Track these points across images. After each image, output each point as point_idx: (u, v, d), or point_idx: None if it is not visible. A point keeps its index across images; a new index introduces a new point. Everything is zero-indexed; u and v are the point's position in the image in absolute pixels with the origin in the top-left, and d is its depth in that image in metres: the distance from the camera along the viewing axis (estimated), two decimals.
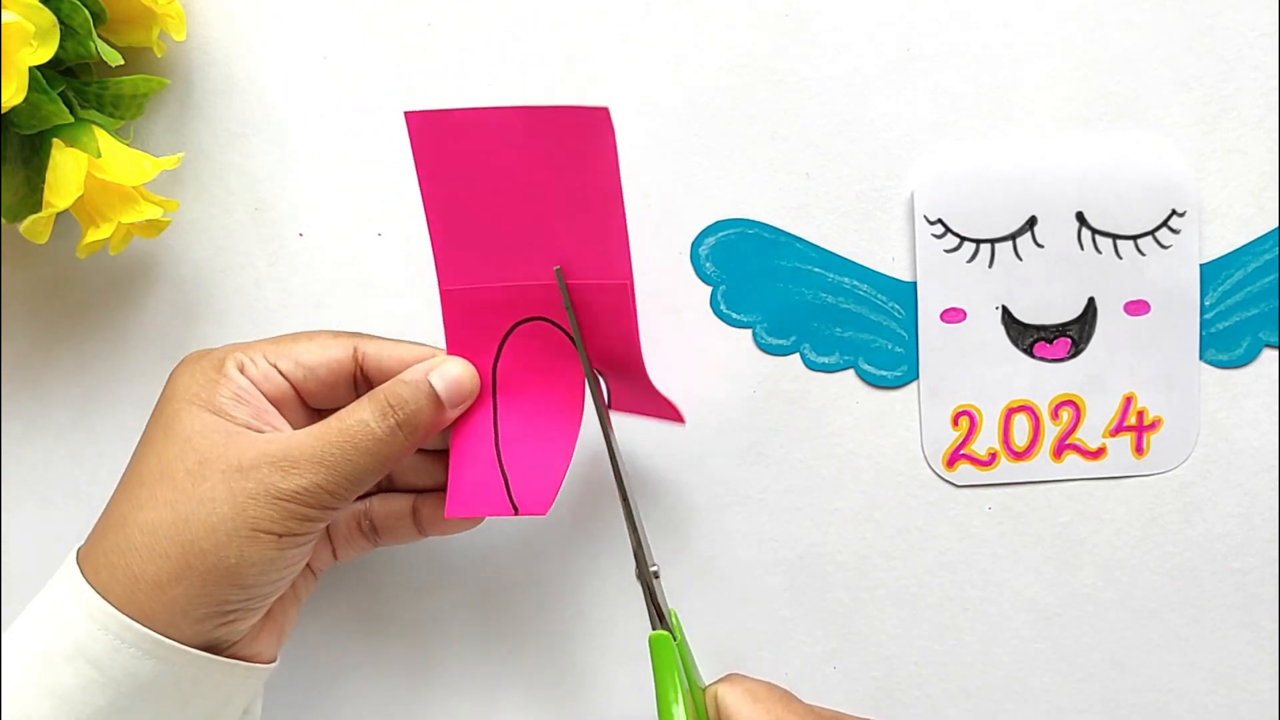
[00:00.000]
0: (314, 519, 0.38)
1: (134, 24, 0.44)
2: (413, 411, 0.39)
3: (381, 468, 0.39)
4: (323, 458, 0.38)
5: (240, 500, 0.37)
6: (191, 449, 0.38)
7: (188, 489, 0.37)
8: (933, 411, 0.48)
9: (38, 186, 0.44)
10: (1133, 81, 0.46)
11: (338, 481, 0.38)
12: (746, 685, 0.40)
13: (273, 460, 0.37)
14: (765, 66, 0.47)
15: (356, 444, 0.38)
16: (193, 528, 0.37)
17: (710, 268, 0.47)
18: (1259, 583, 0.48)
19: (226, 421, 0.38)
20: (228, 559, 0.37)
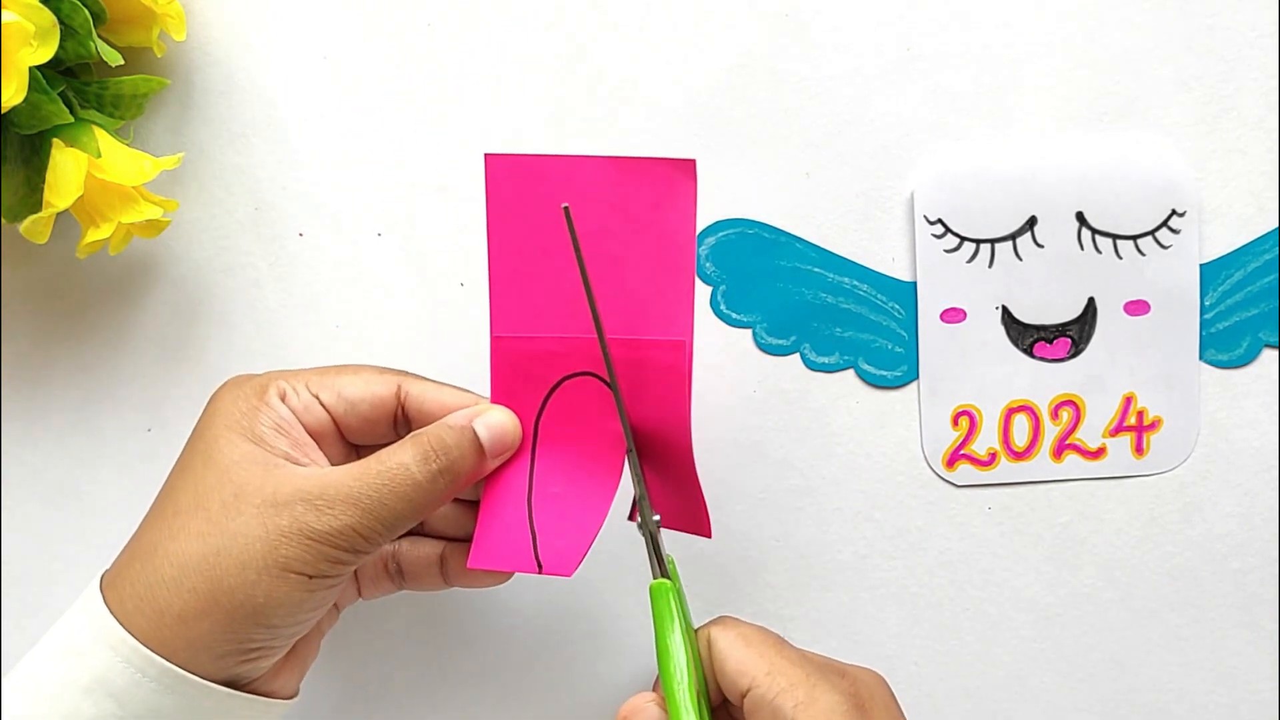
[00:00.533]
0: (346, 561, 0.37)
1: (134, 24, 0.44)
2: (456, 458, 0.38)
3: (418, 513, 0.38)
4: (360, 499, 0.37)
5: (273, 538, 0.36)
6: (229, 480, 0.37)
7: (221, 522, 0.36)
8: (933, 411, 0.48)
9: (38, 186, 0.44)
10: (1133, 81, 0.46)
11: (373, 525, 0.37)
12: (739, 629, 0.39)
13: (309, 497, 0.36)
14: (765, 66, 0.47)
15: (395, 488, 0.37)
16: (223, 563, 0.36)
17: (710, 268, 0.47)
18: (1259, 583, 0.48)
19: (266, 452, 0.38)
20: (256, 598, 0.36)
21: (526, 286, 0.39)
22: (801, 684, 0.37)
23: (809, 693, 0.37)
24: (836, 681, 0.38)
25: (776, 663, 0.38)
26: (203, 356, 0.48)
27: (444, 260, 0.47)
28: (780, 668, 0.38)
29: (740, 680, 0.38)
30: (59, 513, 0.49)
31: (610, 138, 0.47)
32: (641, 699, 0.39)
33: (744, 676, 0.38)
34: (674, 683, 0.38)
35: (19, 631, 0.50)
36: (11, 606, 0.50)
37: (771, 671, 0.37)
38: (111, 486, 0.49)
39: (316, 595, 0.37)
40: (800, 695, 0.37)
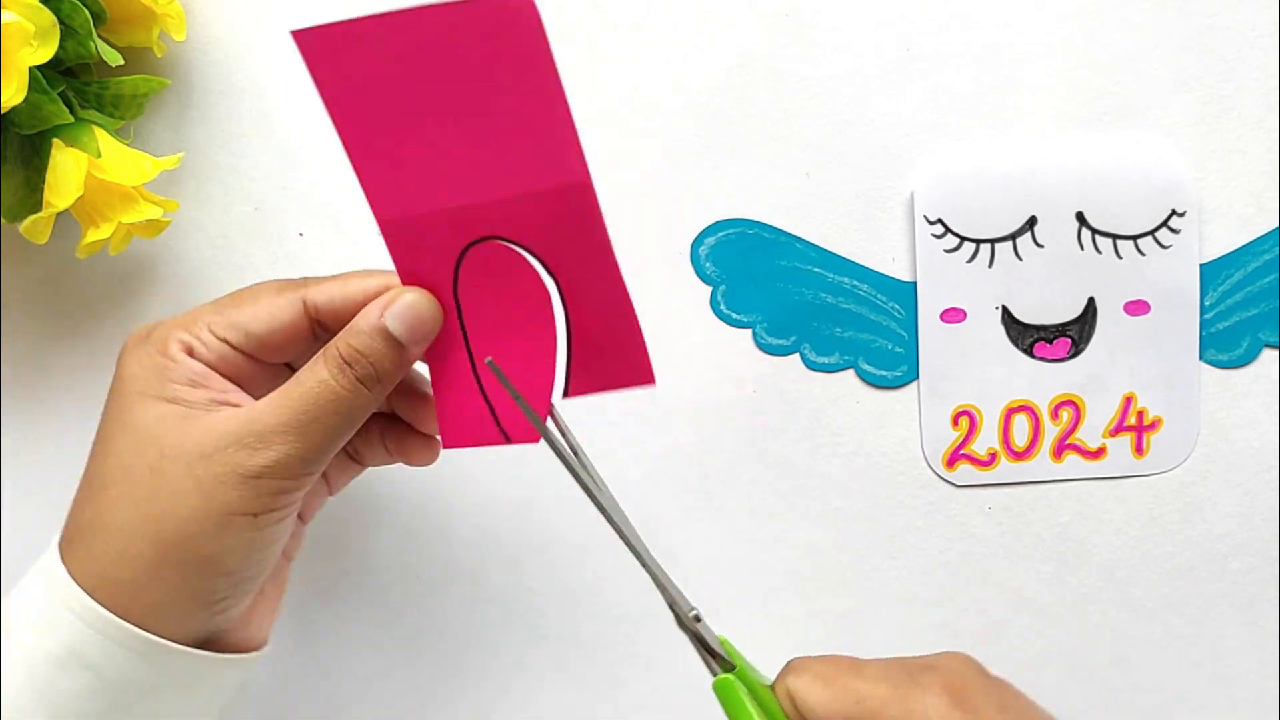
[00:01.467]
0: (289, 490, 0.36)
1: (134, 24, 0.44)
2: (373, 361, 0.36)
3: (353, 424, 0.37)
4: (289, 426, 0.35)
5: (208, 487, 0.35)
6: (151, 443, 0.36)
7: (153, 485, 0.36)
8: (933, 411, 0.48)
9: (38, 186, 0.44)
10: (1133, 81, 0.46)
11: (309, 448, 0.36)
12: (813, 669, 0.38)
13: (237, 439, 0.35)
14: (765, 66, 0.47)
15: (321, 405, 0.36)
16: (164, 525, 0.35)
17: (710, 268, 0.47)
18: (1259, 583, 0.48)
19: (183, 408, 0.36)
20: (206, 549, 0.35)
21: (394, 161, 0.36)
22: (893, 700, 0.36)
23: (903, 706, 0.36)
24: (926, 681, 0.37)
25: (861, 689, 0.36)
26: None
27: None
28: (866, 692, 0.36)
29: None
30: (59, 513, 0.49)
31: (611, 138, 0.47)
32: None
33: (836, 716, 0.36)
34: None
35: None
36: None
37: (860, 700, 0.36)
38: None
39: (267, 532, 0.36)
40: (895, 711, 0.36)
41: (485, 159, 0.36)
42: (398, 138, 0.36)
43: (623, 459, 0.48)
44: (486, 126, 0.35)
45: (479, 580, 0.49)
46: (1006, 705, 0.38)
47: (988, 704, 0.37)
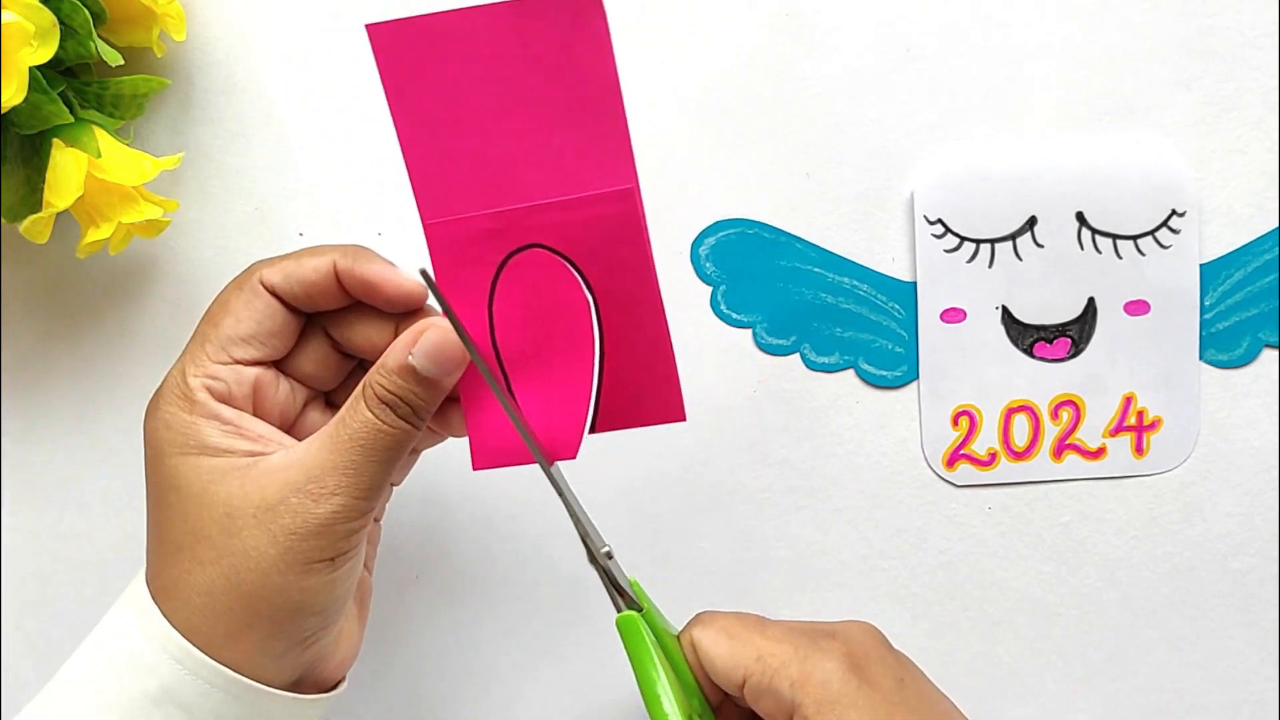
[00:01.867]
0: (358, 530, 0.36)
1: (134, 24, 0.44)
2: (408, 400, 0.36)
3: (405, 452, 0.37)
4: (345, 468, 0.36)
5: (283, 541, 0.35)
6: (212, 501, 0.36)
7: (226, 544, 0.36)
8: (933, 411, 0.48)
9: (38, 186, 0.44)
10: (1133, 81, 0.46)
11: (368, 487, 0.36)
12: (719, 623, 0.38)
13: (298, 487, 0.36)
14: (765, 66, 0.47)
15: (371, 445, 0.36)
16: (247, 579, 0.35)
17: (710, 268, 0.47)
18: (1259, 583, 0.48)
19: (229, 459, 0.36)
20: (291, 598, 0.36)
21: (450, 163, 0.36)
22: (793, 660, 0.37)
23: (801, 667, 0.37)
24: (828, 646, 0.38)
25: (763, 646, 0.37)
26: None
27: None
28: (768, 650, 0.37)
29: (734, 675, 0.37)
30: (59, 513, 0.49)
31: None
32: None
33: (736, 670, 0.37)
34: (666, 717, 0.37)
35: (19, 632, 0.50)
36: (11, 606, 0.50)
37: (761, 657, 0.37)
38: (111, 485, 0.49)
39: (345, 569, 0.37)
40: (794, 672, 0.37)
41: (537, 161, 0.36)
42: (454, 136, 0.36)
43: (623, 459, 0.48)
44: (543, 127, 0.35)
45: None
46: (904, 678, 0.39)
47: (886, 674, 0.38)
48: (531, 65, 0.34)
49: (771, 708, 0.37)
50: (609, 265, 0.36)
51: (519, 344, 0.37)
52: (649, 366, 0.37)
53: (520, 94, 0.35)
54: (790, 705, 0.37)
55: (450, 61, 0.35)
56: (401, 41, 0.35)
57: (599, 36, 0.34)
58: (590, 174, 0.35)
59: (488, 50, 0.34)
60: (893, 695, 0.37)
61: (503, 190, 0.36)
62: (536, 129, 0.35)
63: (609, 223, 0.36)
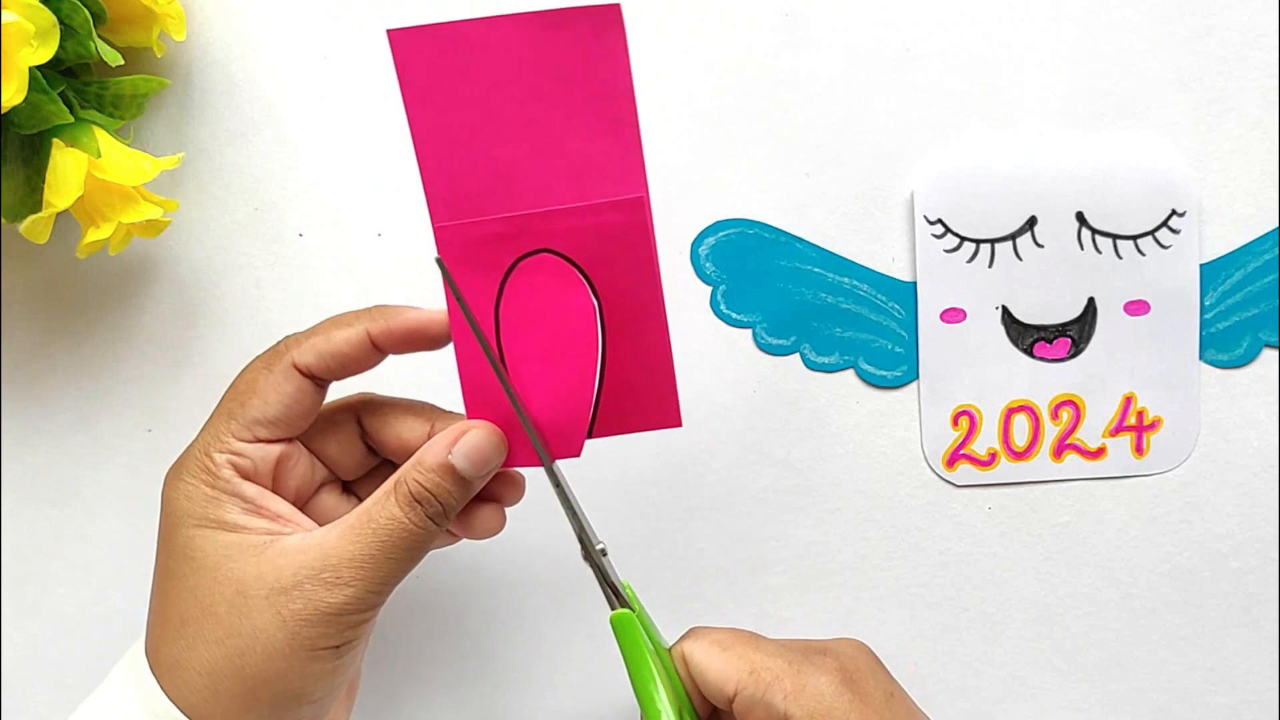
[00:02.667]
0: (366, 620, 0.36)
1: (134, 24, 0.44)
2: (440, 498, 0.36)
3: (421, 555, 0.37)
4: (363, 561, 0.36)
5: (292, 626, 0.35)
6: (224, 578, 0.36)
7: (234, 624, 0.35)
8: (933, 411, 0.48)
9: (38, 186, 0.44)
10: (1133, 81, 0.46)
11: (383, 581, 0.36)
12: (712, 636, 0.39)
13: (313, 573, 0.35)
14: (765, 66, 0.47)
15: (394, 542, 0.36)
16: (250, 662, 0.35)
17: (710, 268, 0.47)
18: (1259, 583, 0.48)
19: (247, 536, 0.36)
20: (292, 684, 0.36)
21: (459, 168, 0.36)
22: (787, 674, 0.37)
23: (795, 680, 0.37)
24: (821, 662, 0.38)
25: (757, 660, 0.38)
26: (203, 356, 0.48)
27: None
28: (761, 664, 0.37)
29: (725, 687, 0.37)
30: (59, 513, 0.49)
31: None
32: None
33: (728, 682, 0.37)
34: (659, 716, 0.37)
35: (19, 632, 0.50)
36: (11, 606, 0.50)
37: (754, 670, 0.37)
38: (112, 487, 0.49)
39: (348, 658, 0.37)
40: (788, 685, 0.37)
41: (549, 167, 0.36)
42: (467, 141, 0.36)
43: (622, 459, 0.48)
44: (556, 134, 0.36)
45: None
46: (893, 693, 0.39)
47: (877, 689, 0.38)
48: (550, 74, 0.35)
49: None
50: (615, 272, 0.37)
51: (523, 346, 0.38)
52: (648, 372, 0.38)
53: (536, 102, 0.35)
54: (783, 717, 0.37)
55: (469, 68, 0.35)
56: (422, 48, 0.35)
57: (618, 48, 0.34)
58: (601, 182, 0.36)
59: (507, 59, 0.35)
60: (883, 709, 0.38)
61: (513, 195, 0.36)
62: (550, 136, 0.36)
63: (618, 230, 0.36)
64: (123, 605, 0.49)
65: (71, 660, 0.50)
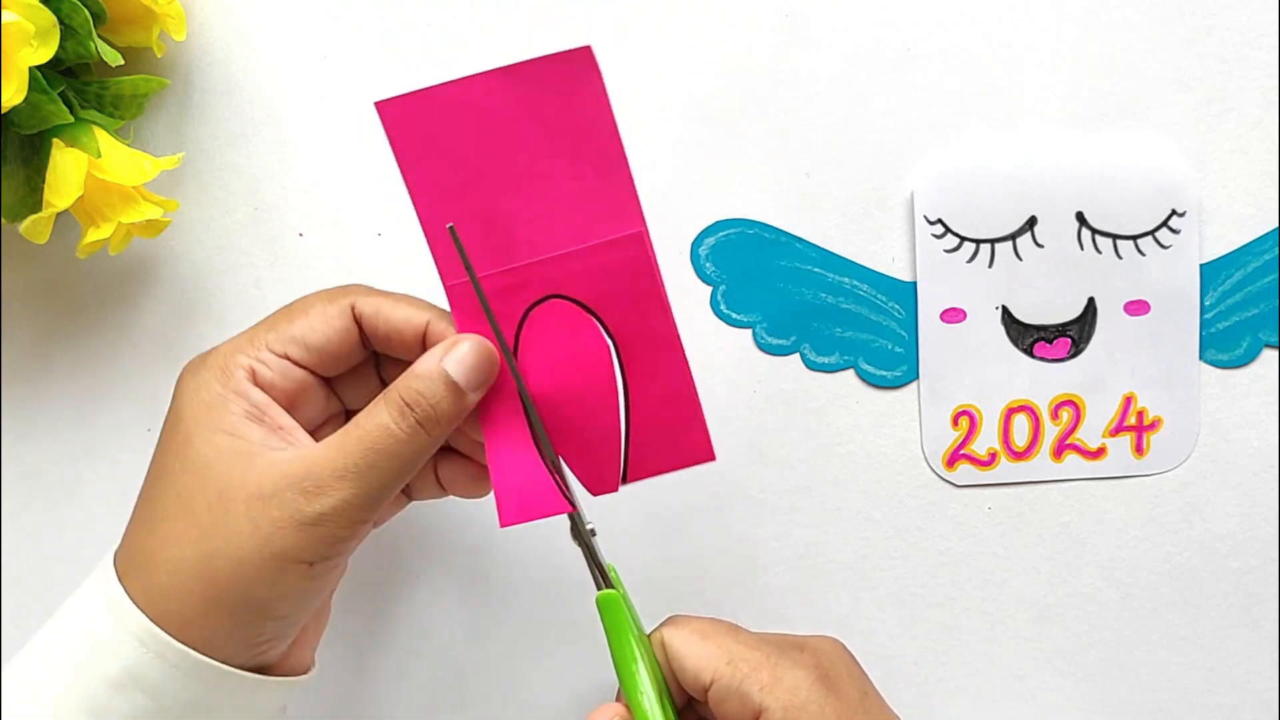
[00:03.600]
0: (345, 538, 0.36)
1: (134, 24, 0.44)
2: (433, 405, 0.36)
3: (409, 470, 0.36)
4: (347, 471, 0.35)
5: (265, 531, 0.35)
6: (210, 478, 0.36)
7: (209, 524, 0.35)
8: (933, 411, 0.48)
9: (38, 186, 0.44)
10: (1133, 81, 0.46)
11: (366, 494, 0.35)
12: (691, 625, 0.39)
13: (295, 483, 0.35)
14: (765, 66, 0.47)
15: (380, 450, 0.35)
16: (218, 564, 0.35)
17: (710, 268, 0.47)
18: (1259, 583, 0.48)
19: (243, 442, 0.36)
20: (258, 593, 0.35)
21: (464, 225, 0.37)
22: (764, 666, 0.37)
23: (772, 673, 0.37)
24: (798, 657, 0.38)
25: (735, 650, 0.38)
26: None
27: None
28: (740, 654, 0.37)
29: (702, 675, 0.37)
30: (59, 511, 0.49)
31: None
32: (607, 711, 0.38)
33: (705, 671, 0.37)
34: (638, 693, 0.37)
35: (19, 632, 0.50)
36: (11, 606, 0.50)
37: (732, 660, 0.37)
38: (111, 486, 0.49)
39: (321, 579, 0.36)
40: (764, 677, 0.37)
41: (547, 214, 0.37)
42: (466, 199, 0.37)
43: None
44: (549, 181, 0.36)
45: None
46: (867, 692, 0.39)
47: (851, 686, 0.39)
48: (534, 122, 0.36)
49: (736, 710, 0.37)
50: (625, 308, 0.37)
51: (547, 392, 0.38)
52: (674, 407, 0.38)
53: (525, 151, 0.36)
54: (757, 709, 0.37)
55: (457, 127, 0.36)
56: (410, 114, 0.36)
57: (595, 89, 0.35)
58: (599, 222, 0.37)
59: (492, 113, 0.36)
60: (856, 706, 0.38)
61: (517, 246, 0.37)
62: (543, 183, 0.36)
63: (622, 267, 0.37)
64: None
65: None
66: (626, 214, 0.37)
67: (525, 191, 0.37)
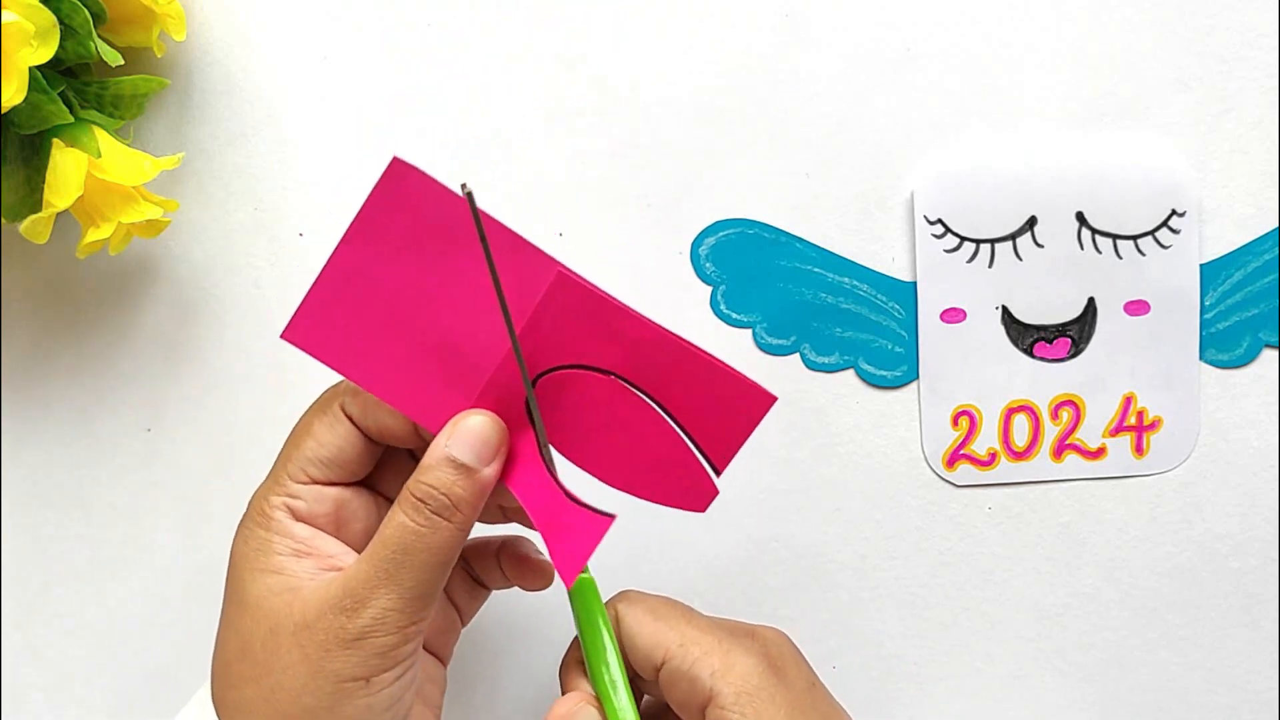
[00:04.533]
0: (397, 648, 0.35)
1: (134, 24, 0.44)
2: (445, 493, 0.35)
3: (443, 563, 0.36)
4: (379, 580, 0.35)
5: (314, 658, 0.34)
6: (262, 618, 0.36)
7: (265, 661, 0.35)
8: (933, 411, 0.48)
9: (38, 186, 0.44)
10: (1133, 81, 0.46)
11: (404, 599, 0.35)
12: (645, 603, 0.38)
13: (336, 604, 0.35)
14: (765, 66, 0.47)
15: (406, 550, 0.35)
16: (280, 699, 0.35)
17: (710, 268, 0.47)
18: (1259, 583, 0.48)
19: (290, 578, 0.36)
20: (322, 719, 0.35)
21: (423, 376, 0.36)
22: (716, 650, 0.37)
23: (724, 659, 0.37)
24: (749, 644, 0.38)
25: (688, 632, 0.37)
26: (203, 356, 0.48)
27: None
28: (692, 637, 0.37)
29: (654, 654, 0.37)
30: (59, 513, 0.49)
31: (610, 138, 0.47)
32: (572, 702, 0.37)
33: (657, 650, 0.37)
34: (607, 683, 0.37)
35: (19, 632, 0.50)
36: (11, 606, 0.50)
37: (684, 642, 0.37)
38: (111, 487, 0.49)
39: (384, 694, 0.35)
40: (716, 662, 0.37)
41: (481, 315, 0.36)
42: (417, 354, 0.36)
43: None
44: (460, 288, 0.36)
45: None
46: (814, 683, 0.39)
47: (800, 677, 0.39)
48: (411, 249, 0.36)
49: (685, 693, 0.37)
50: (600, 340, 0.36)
51: (598, 455, 0.38)
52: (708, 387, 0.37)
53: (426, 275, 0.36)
54: (707, 693, 0.36)
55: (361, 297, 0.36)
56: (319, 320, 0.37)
57: (427, 186, 0.35)
58: (524, 290, 0.36)
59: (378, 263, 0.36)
60: (804, 697, 0.38)
61: (478, 360, 0.36)
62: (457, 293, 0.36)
63: (569, 309, 0.36)
64: (122, 605, 0.49)
65: (71, 661, 0.50)
66: (537, 265, 0.36)
67: (448, 313, 0.36)
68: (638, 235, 0.47)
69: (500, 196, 0.47)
